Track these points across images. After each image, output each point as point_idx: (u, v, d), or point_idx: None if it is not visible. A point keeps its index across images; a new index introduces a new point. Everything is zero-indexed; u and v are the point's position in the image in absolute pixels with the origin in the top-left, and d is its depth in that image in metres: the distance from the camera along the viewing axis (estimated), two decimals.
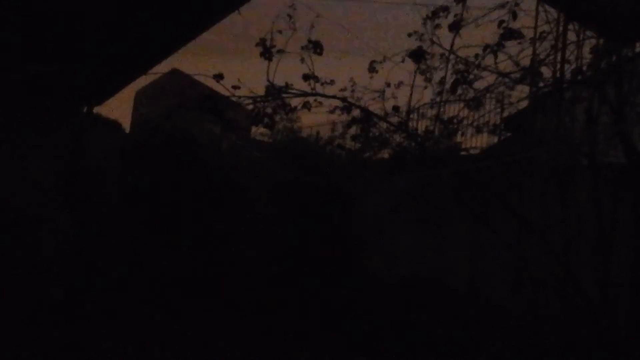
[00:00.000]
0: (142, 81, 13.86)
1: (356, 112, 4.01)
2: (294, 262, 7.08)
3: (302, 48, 3.55)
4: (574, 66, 3.56)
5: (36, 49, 4.92)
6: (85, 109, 6.54)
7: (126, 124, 14.06)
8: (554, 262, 3.51)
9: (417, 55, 3.72)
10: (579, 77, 3.53)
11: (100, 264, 5.98)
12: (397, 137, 4.23)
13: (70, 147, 6.14)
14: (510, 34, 3.40)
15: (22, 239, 5.29)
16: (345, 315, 5.69)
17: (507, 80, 3.64)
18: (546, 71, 3.67)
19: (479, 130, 4.24)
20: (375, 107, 3.98)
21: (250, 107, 3.89)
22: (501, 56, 3.50)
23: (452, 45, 3.64)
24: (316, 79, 3.63)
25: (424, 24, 3.71)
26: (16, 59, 5.09)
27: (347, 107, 3.91)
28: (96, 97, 6.51)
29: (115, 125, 7.59)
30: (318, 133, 10.54)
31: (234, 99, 3.73)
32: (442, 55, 3.79)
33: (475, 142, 6.87)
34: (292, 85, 3.67)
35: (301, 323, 5.65)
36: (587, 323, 3.46)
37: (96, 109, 6.95)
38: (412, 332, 4.98)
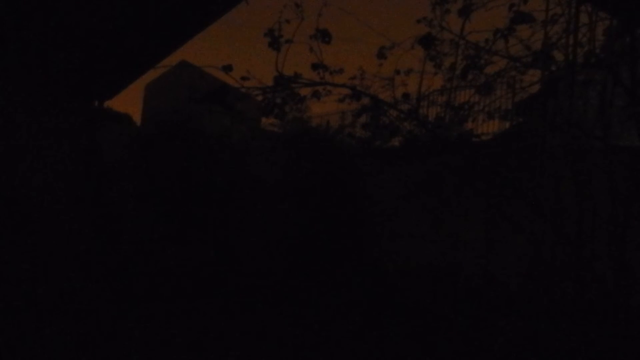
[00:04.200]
0: (152, 74, 13.94)
1: (366, 101, 4.01)
2: (309, 251, 7.11)
3: (311, 37, 3.53)
4: (586, 48, 3.51)
5: (45, 44, 4.96)
6: (96, 103, 6.59)
7: (137, 118, 14.19)
8: (568, 248, 3.49)
9: (427, 41, 3.69)
10: (592, 60, 3.48)
11: (116, 256, 6.07)
12: (408, 125, 4.22)
13: (83, 142, 6.20)
14: (521, 18, 3.35)
15: (39, 233, 5.37)
16: (361, 302, 5.71)
17: (518, 64, 3.61)
18: (558, 54, 3.63)
19: (490, 115, 4.21)
20: (385, 95, 3.97)
21: (260, 98, 3.89)
22: (512, 40, 3.47)
23: (462, 30, 3.61)
24: (325, 67, 3.61)
25: (433, 9, 3.68)
26: (26, 55, 5.13)
27: (357, 96, 3.90)
28: (106, 91, 6.54)
29: (126, 118, 7.65)
30: (328, 122, 10.51)
31: (243, 90, 3.73)
32: (451, 40, 3.76)
33: (487, 127, 6.83)
34: (301, 74, 3.66)
35: (318, 313, 5.68)
36: (602, 309, 3.44)
37: (107, 103, 7.00)
38: (427, 318, 4.99)
